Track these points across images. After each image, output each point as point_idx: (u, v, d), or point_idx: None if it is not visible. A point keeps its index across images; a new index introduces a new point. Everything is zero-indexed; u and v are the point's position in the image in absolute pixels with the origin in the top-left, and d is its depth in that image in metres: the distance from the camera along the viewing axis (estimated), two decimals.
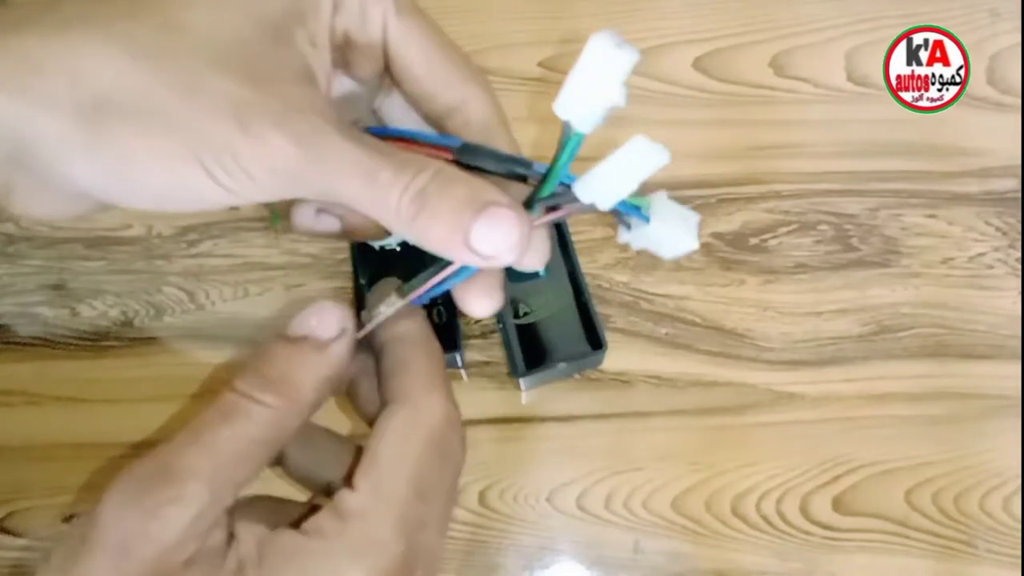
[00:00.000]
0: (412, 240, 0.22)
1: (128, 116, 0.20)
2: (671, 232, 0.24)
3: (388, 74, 0.27)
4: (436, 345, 0.26)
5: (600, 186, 0.22)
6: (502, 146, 0.26)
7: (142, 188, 0.21)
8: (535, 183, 0.24)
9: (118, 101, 0.20)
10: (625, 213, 0.24)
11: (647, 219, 0.24)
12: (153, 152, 0.20)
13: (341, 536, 0.22)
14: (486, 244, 0.21)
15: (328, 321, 0.24)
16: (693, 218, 0.24)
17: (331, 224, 0.26)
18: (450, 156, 0.25)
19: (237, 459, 0.22)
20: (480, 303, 0.25)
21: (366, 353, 0.27)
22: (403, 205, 0.21)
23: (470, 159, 0.25)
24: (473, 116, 0.26)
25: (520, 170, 0.25)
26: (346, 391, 0.28)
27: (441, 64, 0.26)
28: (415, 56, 0.25)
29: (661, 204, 0.24)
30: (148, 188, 0.21)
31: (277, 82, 0.22)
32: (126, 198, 0.21)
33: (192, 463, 0.21)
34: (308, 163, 0.21)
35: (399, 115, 0.28)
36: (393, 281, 0.26)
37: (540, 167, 0.24)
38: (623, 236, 0.25)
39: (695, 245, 0.24)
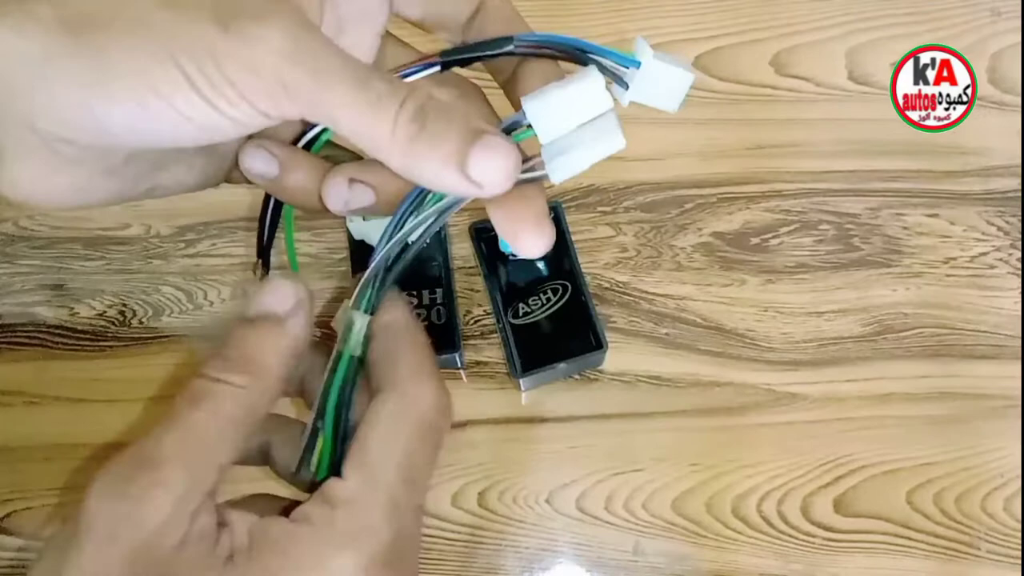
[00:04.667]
0: (398, 166, 0.21)
1: (109, 28, 0.20)
2: (667, 68, 0.23)
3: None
4: (422, 333, 0.26)
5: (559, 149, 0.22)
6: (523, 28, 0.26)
7: (123, 103, 0.20)
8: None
9: (99, 14, 0.20)
10: (619, 64, 0.23)
11: (638, 63, 0.23)
12: (134, 61, 0.20)
13: (329, 523, 0.22)
14: (483, 172, 0.20)
15: (283, 297, 0.24)
16: (671, 56, 0.24)
17: (365, 196, 0.25)
18: (437, 61, 0.25)
19: (211, 440, 0.22)
20: (533, 239, 0.24)
21: (315, 354, 0.27)
22: (402, 122, 0.20)
23: (458, 56, 0.25)
24: (491, 16, 0.26)
25: (509, 47, 0.24)
26: (298, 391, 0.28)
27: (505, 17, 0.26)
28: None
29: (643, 48, 0.23)
30: (129, 103, 0.20)
31: None
32: (108, 118, 0.20)
33: (167, 449, 0.21)
34: (293, 61, 0.20)
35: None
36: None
37: (525, 36, 0.24)
38: (625, 99, 0.24)
39: (692, 74, 0.23)
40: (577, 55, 0.24)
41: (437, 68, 0.25)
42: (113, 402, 0.44)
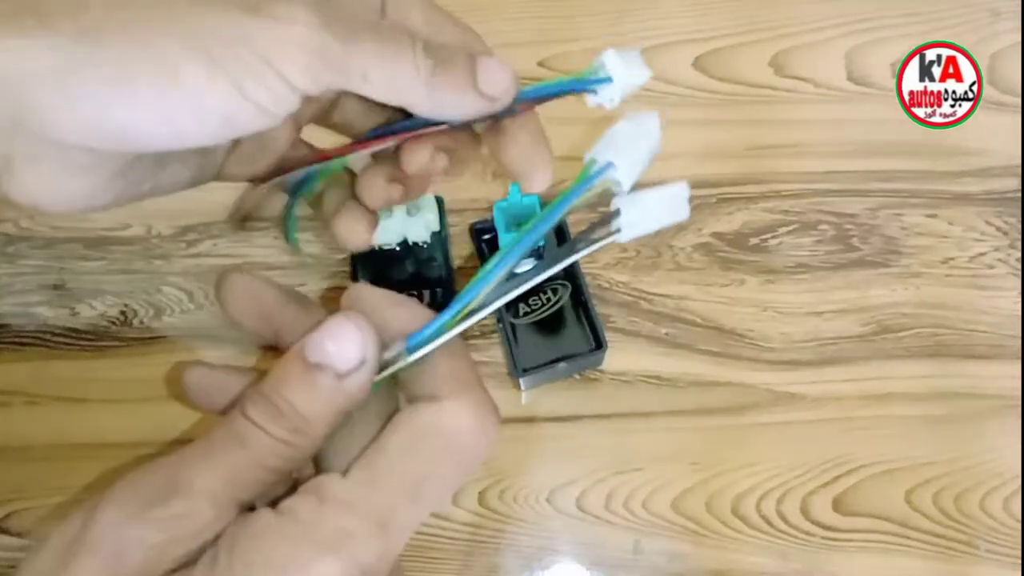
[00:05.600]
0: (425, 102, 0.23)
1: (132, 30, 0.20)
2: (634, 75, 0.25)
3: None
4: (460, 341, 0.24)
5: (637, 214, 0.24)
6: (456, 24, 0.27)
7: (148, 103, 0.20)
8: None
9: (120, 18, 0.20)
10: (597, 85, 0.25)
11: (611, 79, 0.25)
12: (156, 53, 0.20)
13: (315, 520, 0.21)
14: (492, 84, 0.23)
15: (347, 350, 0.22)
16: (630, 54, 0.25)
17: (396, 193, 0.27)
18: (445, 129, 0.25)
19: (243, 481, 0.21)
20: (537, 168, 0.26)
21: (295, 308, 0.25)
22: (420, 59, 0.22)
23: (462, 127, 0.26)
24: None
25: (512, 108, 0.25)
26: (272, 342, 0.26)
27: (439, 21, 0.26)
28: (415, 14, 0.26)
29: (610, 62, 0.25)
30: (155, 103, 0.20)
31: None
32: (134, 122, 0.20)
33: (201, 481, 0.21)
34: (323, 32, 0.21)
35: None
36: (363, 287, 0.25)
37: (526, 95, 0.25)
38: (613, 105, 0.26)
39: (649, 70, 0.25)
40: (568, 93, 0.26)
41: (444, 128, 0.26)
42: (113, 402, 0.44)
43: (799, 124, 0.49)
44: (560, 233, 0.44)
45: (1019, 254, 0.47)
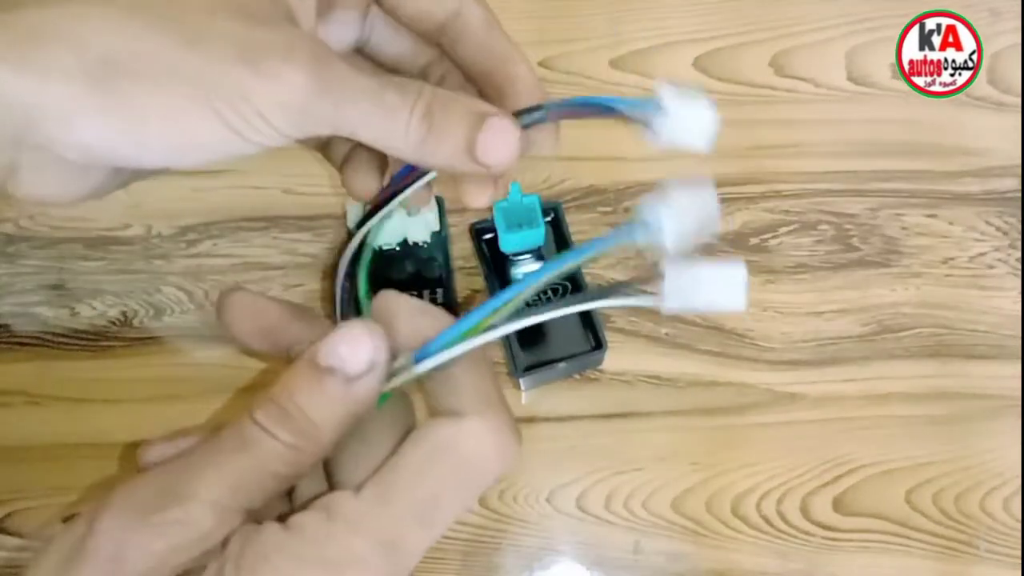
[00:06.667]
0: (414, 161, 0.23)
1: (138, 75, 0.20)
2: (689, 109, 0.25)
3: (377, 2, 0.27)
4: (486, 358, 0.24)
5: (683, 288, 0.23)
6: (504, 45, 0.27)
7: (155, 145, 0.21)
8: None
9: (125, 62, 0.20)
10: (640, 111, 0.24)
11: (661, 109, 0.24)
12: (166, 107, 0.20)
13: (321, 540, 0.21)
14: (490, 153, 0.22)
15: (358, 353, 0.22)
16: (693, 91, 0.24)
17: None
18: None
19: (248, 488, 0.21)
20: (480, 195, 0.26)
21: (303, 322, 0.25)
22: (413, 126, 0.22)
23: None
24: (471, 23, 0.27)
25: (540, 114, 0.25)
26: (282, 354, 0.26)
27: None
28: None
29: (665, 93, 0.24)
30: (161, 144, 0.21)
31: (273, 24, 0.22)
32: (138, 157, 0.21)
33: (202, 487, 0.21)
34: (319, 94, 0.21)
35: (388, 42, 0.28)
36: (391, 294, 0.25)
37: (554, 105, 0.25)
38: (660, 142, 0.25)
39: (714, 111, 0.25)
40: (605, 112, 0.25)
41: None
42: (114, 402, 0.44)
43: (799, 124, 0.49)
44: (560, 234, 0.44)
45: (1019, 254, 0.47)
